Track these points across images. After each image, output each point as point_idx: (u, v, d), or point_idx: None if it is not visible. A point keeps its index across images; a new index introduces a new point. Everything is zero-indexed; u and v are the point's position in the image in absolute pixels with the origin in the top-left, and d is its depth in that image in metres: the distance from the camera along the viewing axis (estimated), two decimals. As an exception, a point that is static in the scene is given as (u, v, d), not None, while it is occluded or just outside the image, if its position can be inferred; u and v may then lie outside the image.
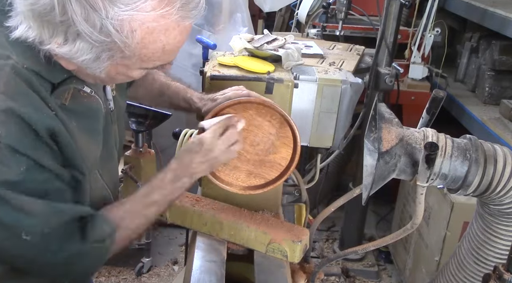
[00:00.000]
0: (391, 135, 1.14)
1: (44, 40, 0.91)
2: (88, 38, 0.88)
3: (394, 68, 2.44)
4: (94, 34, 0.87)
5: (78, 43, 0.90)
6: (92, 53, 0.91)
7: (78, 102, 1.04)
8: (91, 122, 1.09)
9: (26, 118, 0.91)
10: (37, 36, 0.91)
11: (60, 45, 0.90)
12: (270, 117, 1.28)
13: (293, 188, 1.60)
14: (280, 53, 1.50)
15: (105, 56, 0.92)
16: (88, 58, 0.92)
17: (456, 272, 1.36)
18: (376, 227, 3.38)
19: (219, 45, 2.15)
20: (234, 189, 1.32)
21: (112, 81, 1.09)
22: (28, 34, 0.91)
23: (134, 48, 0.91)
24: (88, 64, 0.94)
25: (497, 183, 1.18)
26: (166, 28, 0.91)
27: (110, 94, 1.18)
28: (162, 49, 0.94)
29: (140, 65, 0.98)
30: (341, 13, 2.96)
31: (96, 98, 1.10)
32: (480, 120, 2.60)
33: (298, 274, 1.42)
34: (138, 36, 0.89)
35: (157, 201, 1.13)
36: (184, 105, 1.40)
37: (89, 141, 1.07)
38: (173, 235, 3.21)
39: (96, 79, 1.04)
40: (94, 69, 0.96)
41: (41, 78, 0.96)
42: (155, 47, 0.93)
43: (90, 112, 1.08)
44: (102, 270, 2.86)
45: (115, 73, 1.00)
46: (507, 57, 2.72)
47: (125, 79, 1.07)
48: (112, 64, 0.95)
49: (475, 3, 2.88)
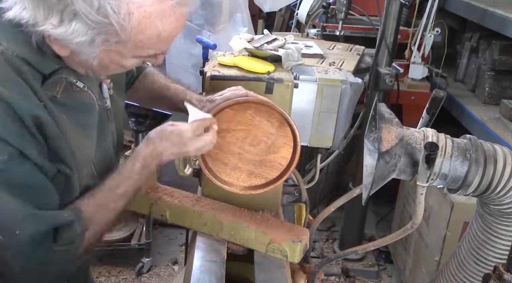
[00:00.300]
0: (391, 135, 1.14)
1: (38, 21, 0.90)
2: (85, 18, 0.87)
3: (394, 68, 2.44)
4: (92, 14, 0.87)
5: (74, 24, 0.89)
6: (87, 36, 0.90)
7: (70, 96, 1.03)
8: (84, 117, 1.07)
9: (14, 105, 0.90)
10: (31, 17, 0.90)
11: (55, 27, 0.89)
12: (269, 117, 1.28)
13: (293, 188, 1.60)
14: (280, 53, 1.50)
15: (100, 40, 0.91)
16: (83, 40, 0.91)
17: (456, 272, 1.36)
18: (376, 227, 3.39)
19: (219, 45, 2.15)
20: (235, 189, 1.32)
21: (104, 71, 1.06)
22: (22, 15, 0.90)
23: (130, 32, 0.91)
24: (82, 48, 0.93)
25: (497, 183, 1.18)
26: (163, 14, 0.91)
27: (106, 92, 1.18)
28: (158, 35, 0.94)
29: (134, 52, 0.97)
30: (341, 13, 2.96)
31: (89, 94, 1.09)
32: (480, 120, 2.60)
33: (298, 274, 1.42)
34: (134, 20, 0.89)
35: (126, 192, 1.11)
36: (183, 107, 1.40)
37: (81, 136, 1.06)
38: (173, 235, 3.22)
39: (87, 69, 1.03)
40: (88, 54, 0.95)
41: (32, 68, 0.95)
42: (150, 33, 0.93)
43: (82, 107, 1.07)
44: (102, 270, 2.87)
45: (108, 61, 0.99)
46: (507, 57, 2.72)
47: (117, 69, 1.05)
48: (106, 49, 0.94)
49: (475, 3, 2.88)
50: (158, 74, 1.48)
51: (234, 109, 1.27)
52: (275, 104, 1.26)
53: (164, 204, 1.39)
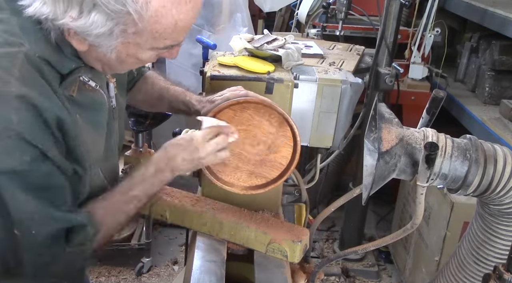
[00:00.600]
0: (391, 135, 1.14)
1: (58, 15, 0.91)
2: (104, 7, 0.89)
3: (394, 68, 2.44)
4: (111, 3, 0.89)
5: (93, 15, 0.91)
6: (106, 27, 0.92)
7: (84, 95, 1.05)
8: (96, 116, 1.09)
9: (39, 106, 0.92)
10: (51, 12, 0.91)
11: (75, 19, 0.91)
12: (269, 117, 1.28)
13: (293, 188, 1.60)
14: (280, 53, 1.50)
15: (118, 31, 0.93)
16: (102, 31, 0.92)
17: (456, 272, 1.36)
18: (376, 227, 3.39)
19: (219, 45, 2.15)
20: (235, 190, 1.32)
21: (121, 66, 1.07)
22: (42, 11, 0.92)
23: (147, 22, 0.92)
24: (100, 40, 0.95)
25: (497, 183, 1.17)
26: (178, 2, 0.93)
27: (112, 91, 1.19)
28: (174, 25, 0.95)
29: (151, 44, 0.98)
30: (341, 13, 2.95)
31: (101, 93, 1.11)
32: (480, 120, 2.59)
33: (298, 274, 1.42)
34: (152, 8, 0.91)
35: (138, 196, 1.12)
36: (183, 109, 1.40)
37: (94, 134, 1.08)
38: (173, 235, 3.21)
39: (104, 65, 1.04)
40: (106, 47, 0.96)
41: (51, 68, 0.97)
42: (167, 22, 0.94)
43: (95, 106, 1.09)
44: (102, 270, 2.87)
45: (126, 54, 1.00)
46: (507, 57, 2.72)
47: (134, 64, 1.06)
48: (124, 42, 0.96)
49: (475, 3, 2.87)
50: (158, 77, 1.49)
51: (234, 110, 1.27)
52: (275, 104, 1.26)
53: (164, 204, 1.39)
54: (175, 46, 1.04)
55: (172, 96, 1.42)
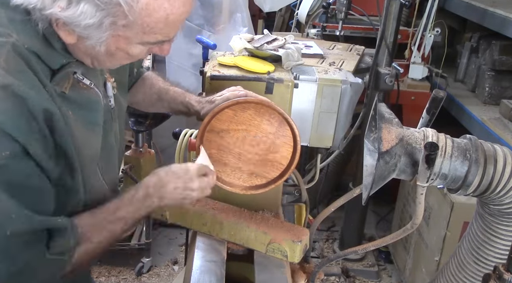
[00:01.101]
0: (391, 135, 1.14)
1: (46, 5, 0.90)
2: None
3: (394, 68, 2.44)
4: None
5: (83, 5, 0.89)
6: (96, 18, 0.90)
7: (77, 93, 1.03)
8: (90, 114, 1.07)
9: (24, 97, 0.88)
10: (39, 1, 0.90)
11: (63, 9, 0.89)
12: (269, 117, 1.28)
13: (293, 188, 1.60)
14: (280, 53, 1.50)
15: (108, 23, 0.91)
16: (91, 23, 0.90)
17: (456, 272, 1.36)
18: (376, 227, 3.39)
19: (219, 45, 2.15)
20: (236, 190, 1.32)
21: (111, 61, 1.05)
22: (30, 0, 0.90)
23: (138, 15, 0.91)
24: (89, 31, 0.92)
25: (497, 183, 1.17)
26: None
27: (110, 91, 1.18)
28: (166, 19, 0.94)
29: (142, 38, 0.96)
30: (341, 13, 2.96)
31: (95, 91, 1.09)
32: (480, 120, 2.59)
33: (298, 274, 1.42)
34: (143, 1, 0.90)
35: (124, 217, 1.09)
36: (183, 109, 1.40)
37: (88, 133, 1.05)
38: (173, 235, 3.22)
39: (93, 59, 1.02)
40: (95, 39, 0.94)
41: (41, 62, 0.95)
42: (158, 16, 0.93)
43: (89, 104, 1.07)
44: (102, 270, 2.87)
45: (115, 48, 0.98)
46: (507, 57, 2.72)
47: (124, 59, 1.04)
48: (114, 35, 0.94)
49: (475, 3, 2.88)
50: (157, 77, 1.48)
51: (233, 110, 1.27)
52: (275, 104, 1.26)
53: (164, 204, 1.39)
54: (166, 42, 1.03)
55: (171, 97, 1.41)
